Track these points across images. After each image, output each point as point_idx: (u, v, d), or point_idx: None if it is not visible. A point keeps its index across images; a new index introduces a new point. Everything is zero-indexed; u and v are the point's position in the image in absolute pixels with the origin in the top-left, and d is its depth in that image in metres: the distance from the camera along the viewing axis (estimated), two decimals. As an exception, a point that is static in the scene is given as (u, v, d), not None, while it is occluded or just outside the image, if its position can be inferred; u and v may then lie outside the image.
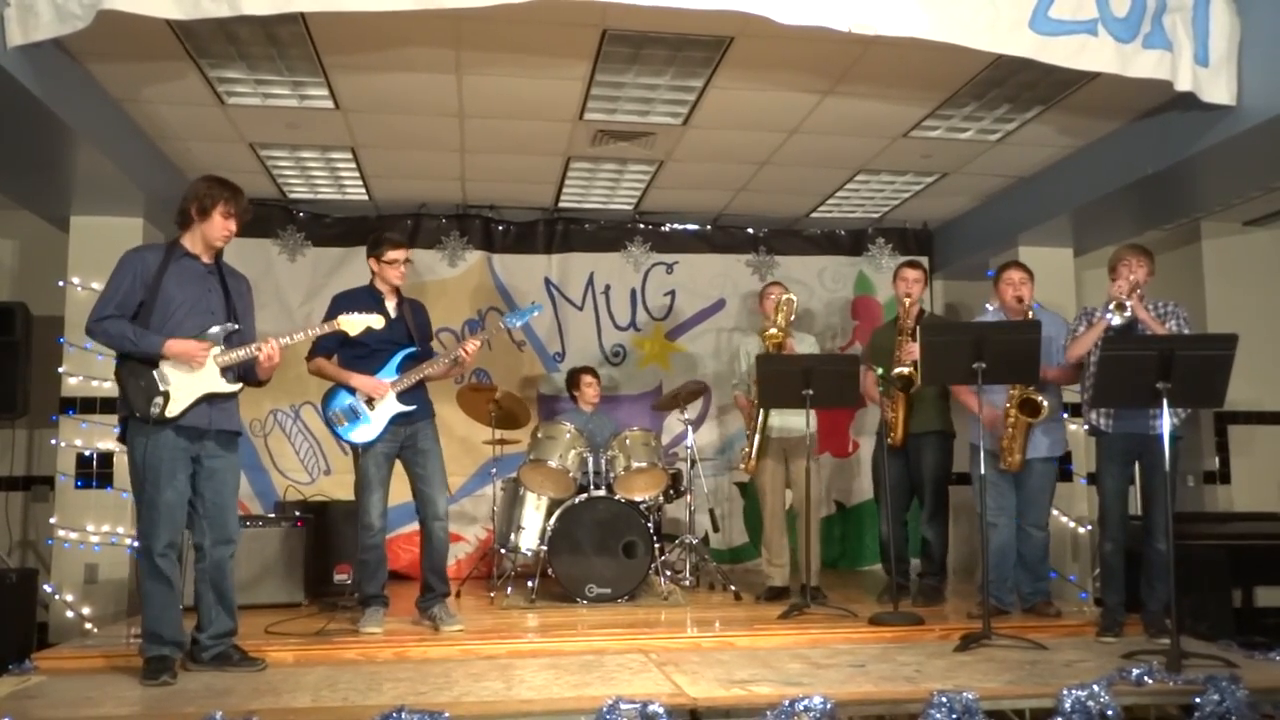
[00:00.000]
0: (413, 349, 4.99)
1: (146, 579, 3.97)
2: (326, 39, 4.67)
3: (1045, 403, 4.98)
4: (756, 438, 5.69)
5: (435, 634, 4.75)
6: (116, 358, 4.02)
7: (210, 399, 4.02)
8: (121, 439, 4.05)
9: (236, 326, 4.13)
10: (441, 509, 4.97)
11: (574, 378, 6.76)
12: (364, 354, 4.85)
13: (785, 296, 5.71)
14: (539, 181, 6.83)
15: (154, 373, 3.94)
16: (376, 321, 4.50)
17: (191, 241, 4.12)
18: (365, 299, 4.95)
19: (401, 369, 4.91)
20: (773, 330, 5.63)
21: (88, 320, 3.99)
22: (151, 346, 3.93)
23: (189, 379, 3.98)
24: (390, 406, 4.84)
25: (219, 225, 4.10)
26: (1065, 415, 6.31)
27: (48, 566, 6.13)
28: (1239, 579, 6.20)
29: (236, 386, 4.12)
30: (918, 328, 4.95)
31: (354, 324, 4.44)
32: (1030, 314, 5.10)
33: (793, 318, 5.72)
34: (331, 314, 4.80)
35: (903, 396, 5.44)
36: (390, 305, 5.01)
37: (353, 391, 4.84)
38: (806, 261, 7.80)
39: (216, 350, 4.03)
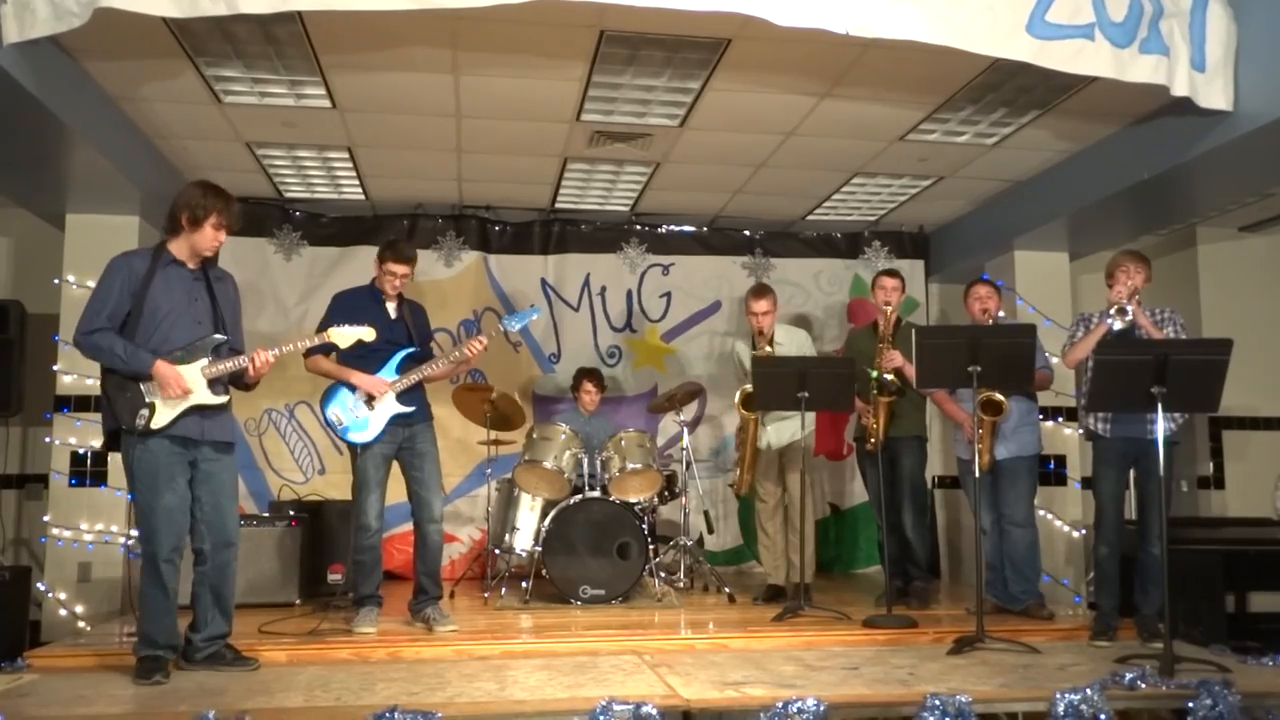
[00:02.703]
0: (412, 349, 4.98)
1: (147, 585, 3.94)
2: (324, 38, 4.67)
3: (1005, 401, 5.07)
4: (747, 455, 5.68)
5: (429, 634, 4.75)
6: (102, 367, 3.96)
7: (199, 410, 3.99)
8: (107, 448, 4.02)
9: (224, 338, 4.09)
10: (437, 512, 4.96)
11: (577, 380, 6.76)
12: (363, 353, 4.81)
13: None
14: (536, 182, 6.83)
15: (140, 385, 3.90)
16: (367, 334, 4.45)
17: (178, 248, 4.06)
18: (366, 298, 4.95)
19: (401, 369, 4.90)
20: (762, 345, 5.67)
21: (75, 332, 3.93)
22: (142, 366, 3.87)
23: None
24: (390, 407, 4.83)
25: (209, 236, 4.03)
26: (1050, 419, 6.36)
27: (41, 565, 6.12)
28: (1232, 584, 6.20)
29: (224, 399, 4.07)
30: (912, 332, 4.96)
31: (344, 336, 4.41)
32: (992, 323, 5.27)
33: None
34: (331, 313, 4.80)
35: (887, 402, 5.44)
36: (391, 306, 5.01)
37: (352, 390, 4.83)
38: (802, 264, 7.81)
39: (204, 362, 3.98)
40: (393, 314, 4.99)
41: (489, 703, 3.56)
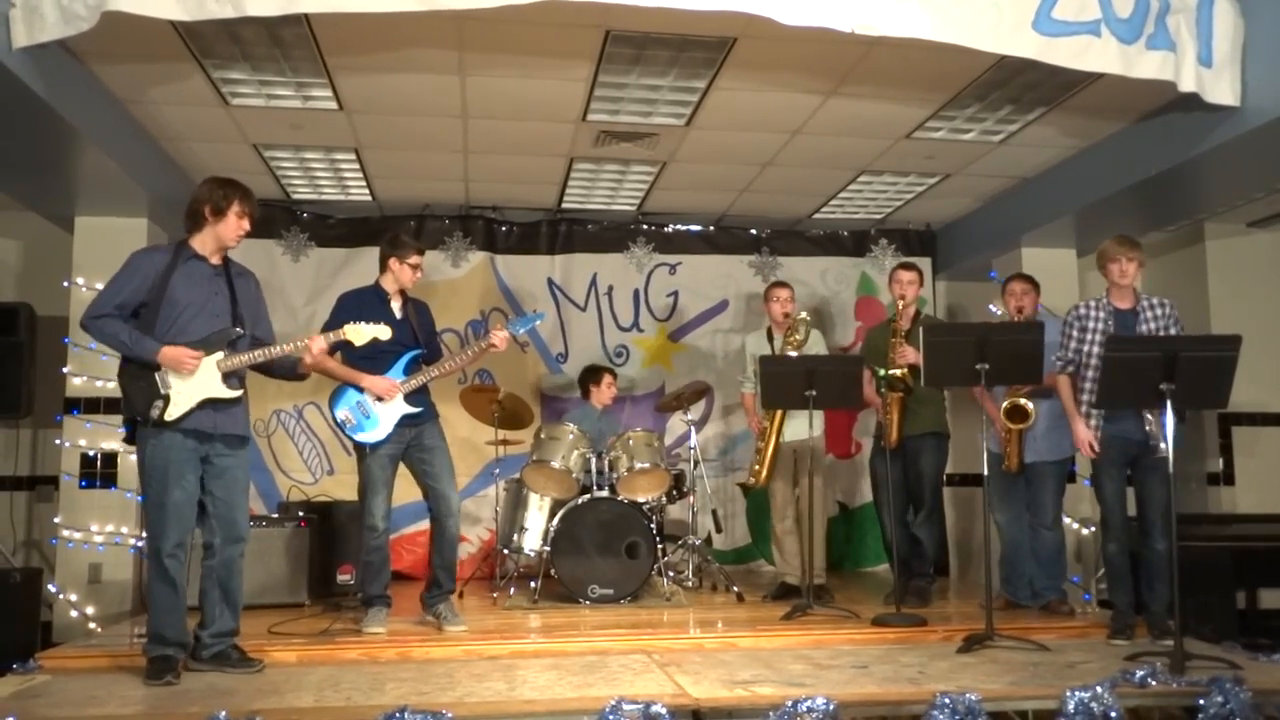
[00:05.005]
0: (419, 350, 4.98)
1: (153, 580, 3.96)
2: (330, 40, 4.68)
3: (1032, 408, 5.06)
4: (770, 448, 5.67)
5: (438, 634, 4.76)
6: (120, 359, 4.00)
7: (213, 404, 4.01)
8: (128, 441, 4.04)
9: (241, 332, 4.11)
10: (454, 505, 4.95)
11: (596, 375, 6.73)
12: (370, 354, 4.79)
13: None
14: (542, 182, 6.84)
15: (155, 376, 3.93)
16: (383, 333, 4.44)
17: (201, 243, 4.11)
18: (372, 299, 4.95)
19: (408, 370, 4.90)
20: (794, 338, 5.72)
21: (84, 314, 3.96)
22: (146, 352, 3.90)
23: (190, 383, 3.95)
24: (398, 407, 4.83)
25: (234, 225, 4.10)
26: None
27: (52, 566, 6.14)
28: (1243, 581, 6.19)
29: (238, 393, 4.09)
30: (920, 329, 4.95)
31: (360, 334, 4.40)
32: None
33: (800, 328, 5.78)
34: (337, 313, 4.80)
35: (898, 398, 5.44)
36: (395, 306, 5.00)
37: (361, 390, 4.83)
38: (809, 262, 7.80)
39: (219, 356, 4.01)
40: (398, 313, 4.99)
41: (499, 702, 3.56)
